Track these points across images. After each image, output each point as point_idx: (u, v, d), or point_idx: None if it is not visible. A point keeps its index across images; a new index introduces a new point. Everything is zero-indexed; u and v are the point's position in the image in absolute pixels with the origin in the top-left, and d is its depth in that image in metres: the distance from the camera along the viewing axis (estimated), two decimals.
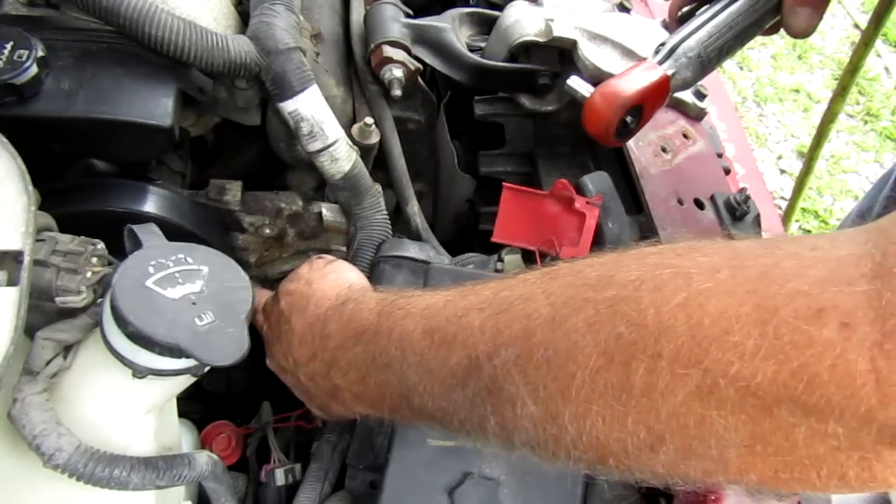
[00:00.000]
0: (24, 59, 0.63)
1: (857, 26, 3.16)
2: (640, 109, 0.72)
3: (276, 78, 0.74)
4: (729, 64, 2.98)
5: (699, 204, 0.86)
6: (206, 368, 0.52)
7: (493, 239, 0.81)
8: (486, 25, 0.97)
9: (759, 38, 0.80)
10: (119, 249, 0.55)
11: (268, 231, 0.82)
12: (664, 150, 0.89)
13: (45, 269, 0.52)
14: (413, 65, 0.87)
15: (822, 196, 2.63)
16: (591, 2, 0.96)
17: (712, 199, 0.87)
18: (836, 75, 3.00)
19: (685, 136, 0.92)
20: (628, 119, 0.72)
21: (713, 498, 0.65)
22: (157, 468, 0.52)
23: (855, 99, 2.94)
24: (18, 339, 0.47)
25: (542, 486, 0.62)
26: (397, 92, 0.85)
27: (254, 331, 0.61)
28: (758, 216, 0.86)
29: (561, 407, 0.43)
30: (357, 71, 0.90)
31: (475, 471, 0.62)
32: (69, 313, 0.54)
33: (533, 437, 0.45)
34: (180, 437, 0.67)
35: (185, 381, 0.56)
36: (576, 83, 0.76)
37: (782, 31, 0.76)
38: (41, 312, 0.53)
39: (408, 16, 0.92)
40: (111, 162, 0.74)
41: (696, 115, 0.97)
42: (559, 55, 0.91)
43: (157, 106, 0.69)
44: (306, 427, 0.80)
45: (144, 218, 0.70)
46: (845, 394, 0.34)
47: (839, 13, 3.18)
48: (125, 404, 0.54)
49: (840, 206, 2.60)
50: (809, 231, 2.53)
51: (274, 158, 0.86)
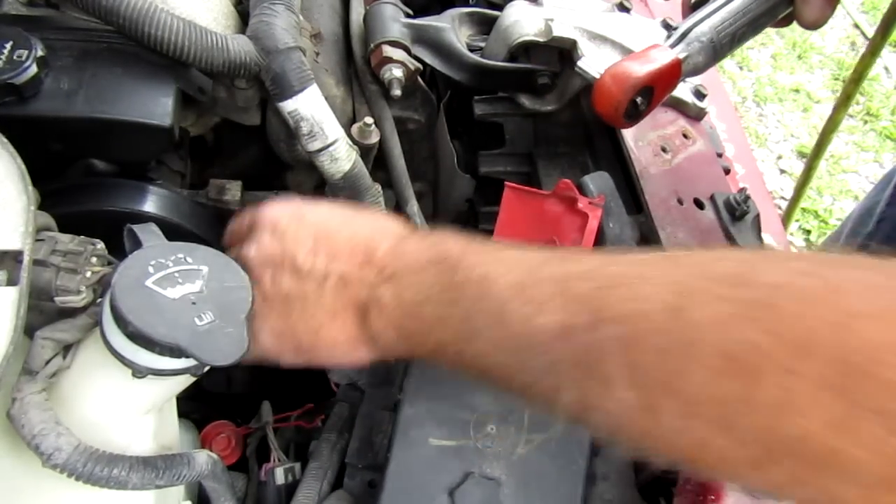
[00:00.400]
0: (23, 58, 0.63)
1: (857, 26, 3.16)
2: (650, 91, 0.72)
3: (276, 78, 0.74)
4: (729, 64, 2.98)
5: (699, 204, 0.86)
6: (206, 368, 0.52)
7: (494, 238, 0.81)
8: (485, 25, 0.97)
9: (758, 38, 0.80)
10: (119, 249, 0.55)
11: None
12: (664, 149, 0.89)
13: (44, 268, 0.52)
14: (413, 65, 0.87)
15: (821, 196, 2.63)
16: (591, 2, 0.96)
17: (712, 198, 0.87)
18: (836, 75, 3.01)
19: (685, 135, 0.92)
20: (638, 100, 0.71)
21: (713, 498, 0.65)
22: (157, 468, 0.52)
23: (855, 99, 2.94)
24: (18, 338, 0.47)
25: (542, 487, 0.62)
26: (397, 92, 0.85)
27: None
28: (758, 216, 0.86)
29: (662, 400, 0.40)
30: (357, 71, 0.90)
31: (476, 471, 0.62)
32: (69, 313, 0.54)
33: (617, 422, 0.42)
34: (180, 436, 0.67)
35: (185, 381, 0.56)
36: (586, 64, 0.76)
37: (781, 29, 0.76)
38: (41, 312, 0.53)
39: (408, 16, 0.92)
40: (111, 162, 0.74)
41: (696, 115, 0.97)
42: (559, 55, 0.91)
43: (156, 106, 0.69)
44: (306, 427, 0.80)
45: (144, 218, 0.70)
46: None
47: (839, 13, 3.19)
48: (125, 404, 0.54)
49: (840, 206, 2.60)
50: (809, 231, 2.53)
51: (274, 158, 0.86)
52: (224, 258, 0.55)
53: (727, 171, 0.95)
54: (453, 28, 0.92)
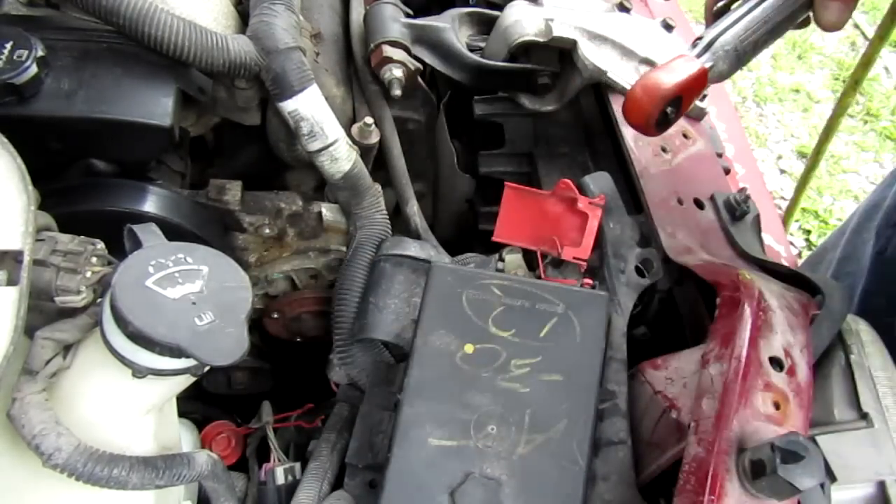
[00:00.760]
0: (23, 58, 0.63)
1: (857, 26, 3.16)
2: (679, 100, 0.73)
3: (276, 78, 0.74)
4: None
5: (699, 204, 0.86)
6: (206, 368, 0.52)
7: (494, 238, 0.81)
8: (485, 25, 0.97)
9: None
10: (119, 249, 0.55)
11: (268, 231, 0.82)
12: (664, 149, 0.89)
13: (44, 268, 0.52)
14: (413, 65, 0.87)
15: (821, 196, 2.63)
16: (591, 2, 0.96)
17: (712, 198, 0.87)
18: (836, 75, 3.01)
19: (685, 135, 0.92)
20: (668, 110, 0.73)
21: (713, 498, 0.65)
22: (157, 468, 0.52)
23: (854, 98, 2.94)
24: (18, 338, 0.47)
25: (543, 487, 0.62)
26: (397, 92, 0.85)
27: (259, 330, 0.61)
28: (757, 216, 0.86)
29: None
30: (357, 71, 0.90)
31: (476, 471, 0.62)
32: (69, 313, 0.54)
33: None
34: (180, 436, 0.67)
35: (185, 381, 0.56)
36: (616, 76, 0.76)
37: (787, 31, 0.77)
38: (41, 312, 0.53)
39: (408, 16, 0.93)
40: (111, 162, 0.74)
41: (696, 115, 0.97)
42: (559, 55, 0.91)
43: (156, 106, 0.69)
44: (306, 427, 0.80)
45: (144, 218, 0.70)
46: None
47: None
48: (125, 404, 0.54)
49: (840, 206, 2.60)
50: (809, 231, 2.53)
51: (274, 158, 0.86)
52: (224, 258, 0.55)
53: (727, 171, 0.95)
54: (453, 28, 0.92)
